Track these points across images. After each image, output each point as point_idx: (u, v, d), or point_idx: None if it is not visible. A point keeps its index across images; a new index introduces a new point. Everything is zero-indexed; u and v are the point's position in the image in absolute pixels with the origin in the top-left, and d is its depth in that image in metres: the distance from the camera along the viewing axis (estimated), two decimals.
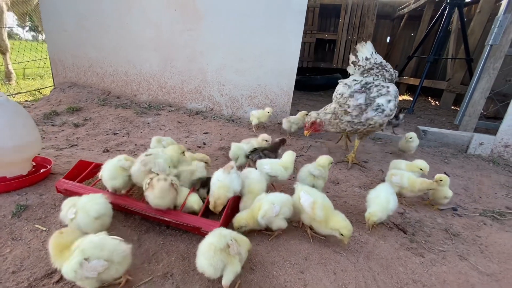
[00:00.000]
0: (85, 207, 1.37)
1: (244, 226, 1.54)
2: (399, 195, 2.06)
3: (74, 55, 4.68)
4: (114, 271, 1.14)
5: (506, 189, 2.65)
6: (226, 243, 1.18)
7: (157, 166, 1.65)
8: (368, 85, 2.49)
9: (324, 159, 2.01)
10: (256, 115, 3.57)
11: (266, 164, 1.97)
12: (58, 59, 4.82)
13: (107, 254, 1.11)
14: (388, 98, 2.44)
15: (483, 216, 2.13)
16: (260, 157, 2.21)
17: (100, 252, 1.10)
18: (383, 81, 2.58)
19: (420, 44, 6.58)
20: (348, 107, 2.43)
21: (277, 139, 2.56)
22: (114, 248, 1.14)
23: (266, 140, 2.54)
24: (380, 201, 1.74)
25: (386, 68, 2.65)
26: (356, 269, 1.44)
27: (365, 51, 2.66)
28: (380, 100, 2.42)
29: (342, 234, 1.46)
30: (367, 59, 2.64)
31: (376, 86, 2.49)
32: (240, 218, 1.55)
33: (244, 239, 1.32)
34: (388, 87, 2.51)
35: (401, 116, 3.63)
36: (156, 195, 1.50)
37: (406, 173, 2.10)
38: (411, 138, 2.94)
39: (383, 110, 2.41)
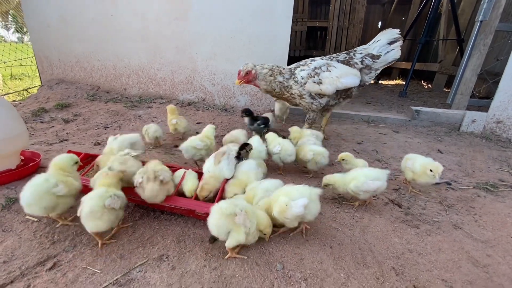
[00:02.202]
0: None
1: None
2: (410, 181, 2.00)
3: (60, 50, 4.55)
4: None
5: (499, 163, 2.68)
6: (234, 212, 1.23)
7: None
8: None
9: (208, 129, 2.24)
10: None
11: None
12: (43, 56, 4.69)
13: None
14: (302, 68, 2.53)
15: (477, 188, 2.16)
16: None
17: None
18: (332, 61, 2.66)
19: (411, 27, 6.54)
20: (283, 68, 2.59)
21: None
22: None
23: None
24: (348, 175, 1.74)
25: (350, 54, 2.74)
26: (353, 242, 1.44)
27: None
28: (297, 70, 2.54)
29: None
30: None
31: (306, 60, 2.66)
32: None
33: (265, 219, 1.34)
34: (314, 60, 2.61)
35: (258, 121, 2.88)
36: (147, 195, 1.48)
37: (420, 159, 1.96)
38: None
39: (297, 80, 2.51)
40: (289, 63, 4.09)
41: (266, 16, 3.72)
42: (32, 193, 1.34)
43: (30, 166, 1.96)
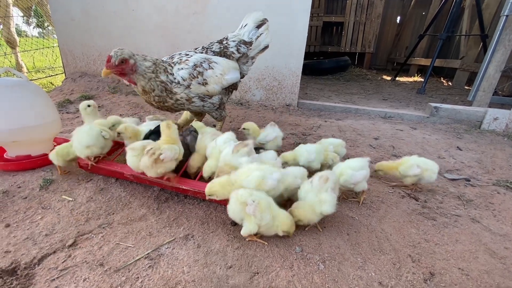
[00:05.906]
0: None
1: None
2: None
3: (83, 44, 4.74)
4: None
5: None
6: (246, 200, 1.26)
7: None
8: (177, 55, 2.25)
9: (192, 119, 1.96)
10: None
11: None
12: (67, 49, 4.90)
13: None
14: (180, 67, 2.11)
15: (497, 186, 2.13)
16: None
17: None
18: (210, 54, 2.33)
19: (432, 22, 6.35)
20: (169, 64, 2.12)
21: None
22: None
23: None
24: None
25: (223, 43, 2.45)
26: (369, 231, 1.49)
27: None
28: (173, 70, 2.11)
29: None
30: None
31: (179, 54, 2.25)
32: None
33: (283, 216, 1.33)
34: (188, 54, 2.22)
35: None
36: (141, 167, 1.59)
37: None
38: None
39: (178, 81, 2.09)
40: (305, 59, 4.11)
41: (283, 9, 3.74)
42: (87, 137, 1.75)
43: None
